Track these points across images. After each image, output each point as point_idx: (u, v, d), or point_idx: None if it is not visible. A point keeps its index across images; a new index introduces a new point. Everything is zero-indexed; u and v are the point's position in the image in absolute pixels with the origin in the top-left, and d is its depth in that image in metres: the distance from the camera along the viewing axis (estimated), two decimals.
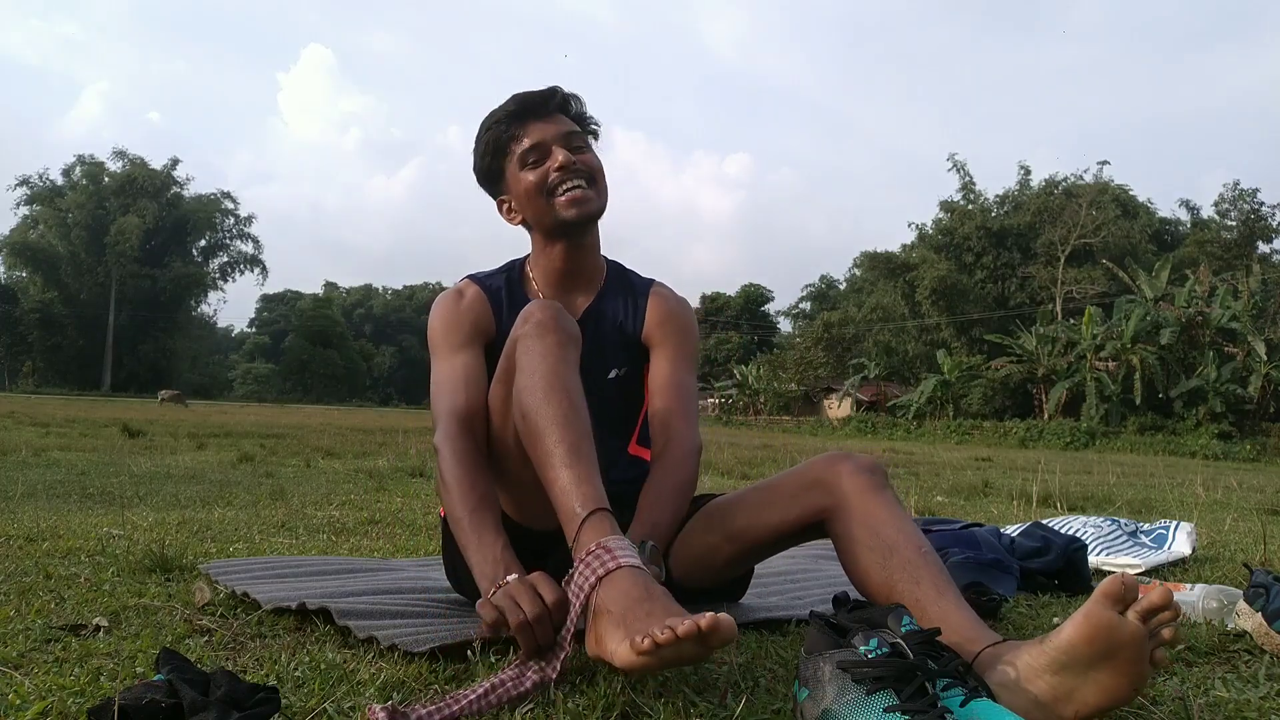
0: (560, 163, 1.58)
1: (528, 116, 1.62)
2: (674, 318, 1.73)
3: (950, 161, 40.42)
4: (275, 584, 1.77)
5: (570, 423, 1.29)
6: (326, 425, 13.35)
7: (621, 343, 1.71)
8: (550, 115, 1.63)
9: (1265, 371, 24.52)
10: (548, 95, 1.64)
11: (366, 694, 1.16)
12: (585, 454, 1.27)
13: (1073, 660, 1.05)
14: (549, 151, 1.60)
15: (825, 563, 2.38)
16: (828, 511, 1.43)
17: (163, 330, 54.12)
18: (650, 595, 1.09)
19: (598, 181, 1.63)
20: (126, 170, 53.82)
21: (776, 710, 1.15)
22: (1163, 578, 2.35)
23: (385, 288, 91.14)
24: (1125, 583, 1.03)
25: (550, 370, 1.33)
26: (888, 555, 1.33)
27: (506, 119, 1.62)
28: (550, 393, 1.31)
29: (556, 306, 1.42)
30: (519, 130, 1.61)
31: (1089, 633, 1.04)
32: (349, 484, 4.65)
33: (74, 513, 2.99)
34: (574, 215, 1.60)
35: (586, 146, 1.65)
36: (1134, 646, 1.03)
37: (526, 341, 1.37)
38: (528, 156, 1.60)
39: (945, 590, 1.27)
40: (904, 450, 13.02)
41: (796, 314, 55.27)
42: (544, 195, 1.60)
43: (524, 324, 1.40)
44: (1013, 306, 34.89)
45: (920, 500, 4.71)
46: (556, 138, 1.61)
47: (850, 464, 1.44)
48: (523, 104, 1.62)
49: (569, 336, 1.39)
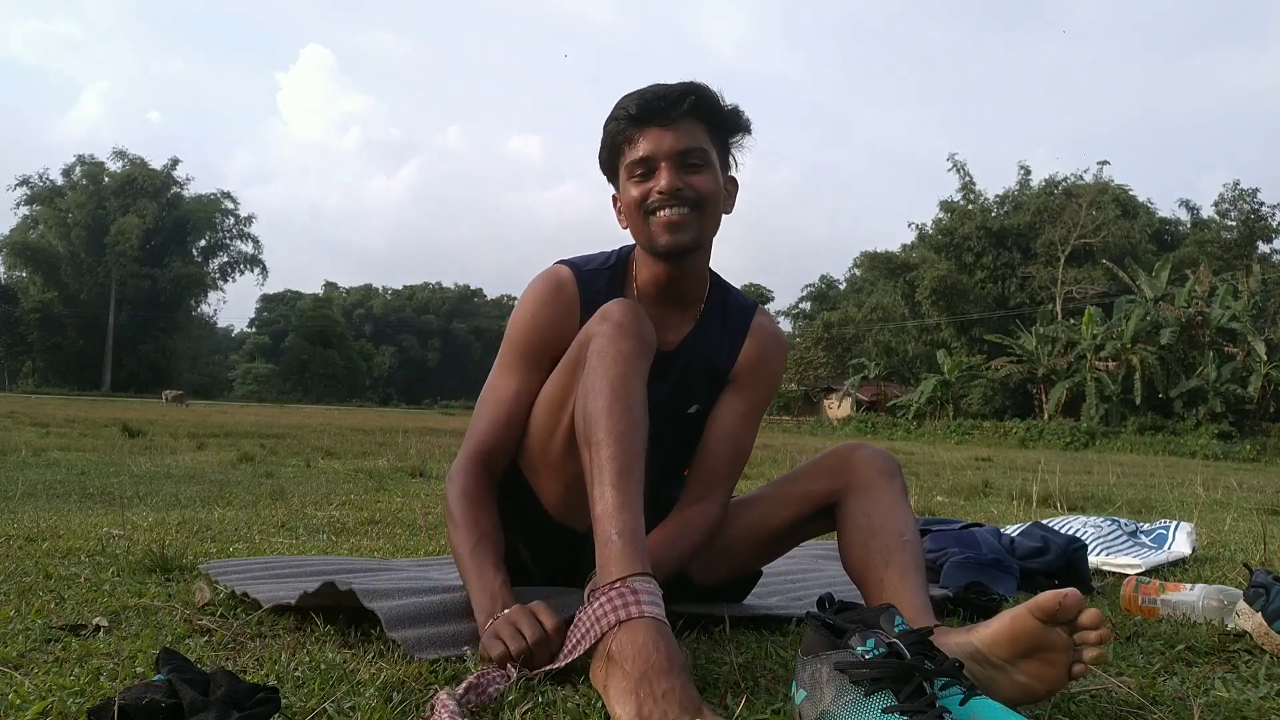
0: (664, 186, 1.43)
1: (648, 121, 1.45)
2: (766, 366, 1.61)
3: (950, 161, 40.42)
4: (275, 584, 1.76)
5: (627, 441, 1.25)
6: (326, 425, 13.34)
7: (708, 377, 1.60)
8: (673, 123, 1.44)
9: (1265, 371, 24.52)
10: (677, 98, 1.44)
11: (366, 694, 1.16)
12: (635, 476, 1.24)
13: (993, 654, 1.13)
14: (657, 167, 1.45)
15: (825, 563, 2.38)
16: (840, 493, 1.51)
17: (163, 330, 54.11)
18: (670, 667, 1.06)
19: (704, 209, 1.47)
20: (126, 170, 53.80)
21: (776, 710, 1.16)
22: (1163, 578, 2.35)
23: (385, 288, 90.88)
24: (1063, 604, 1.07)
25: (618, 378, 1.29)
26: (870, 537, 1.42)
27: (626, 120, 1.46)
28: (614, 403, 1.27)
29: (636, 309, 1.37)
30: (635, 134, 1.46)
31: (1012, 634, 1.11)
32: (349, 484, 4.65)
33: (74, 513, 2.99)
34: (666, 243, 1.46)
35: (706, 164, 1.46)
36: (1054, 653, 1.09)
37: (599, 341, 1.33)
38: (635, 168, 1.47)
39: (909, 575, 1.36)
40: (904, 450, 13.01)
41: (796, 314, 55.23)
42: (642, 214, 1.47)
43: (601, 321, 1.35)
44: (1013, 306, 34.88)
45: (920, 500, 4.71)
46: (669, 154, 1.44)
47: (867, 450, 1.54)
48: (647, 106, 1.44)
49: (644, 344, 1.34)
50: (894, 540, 1.39)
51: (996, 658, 1.13)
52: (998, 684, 1.13)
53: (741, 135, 1.53)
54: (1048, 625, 1.08)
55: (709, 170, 1.47)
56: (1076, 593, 1.07)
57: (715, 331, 1.60)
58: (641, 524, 1.21)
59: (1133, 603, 1.92)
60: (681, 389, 1.56)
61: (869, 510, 1.45)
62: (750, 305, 1.65)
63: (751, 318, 1.63)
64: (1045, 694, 1.11)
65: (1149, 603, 1.90)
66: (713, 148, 1.48)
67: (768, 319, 1.65)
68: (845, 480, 1.51)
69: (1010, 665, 1.12)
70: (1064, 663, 1.08)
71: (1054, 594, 1.08)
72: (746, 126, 1.53)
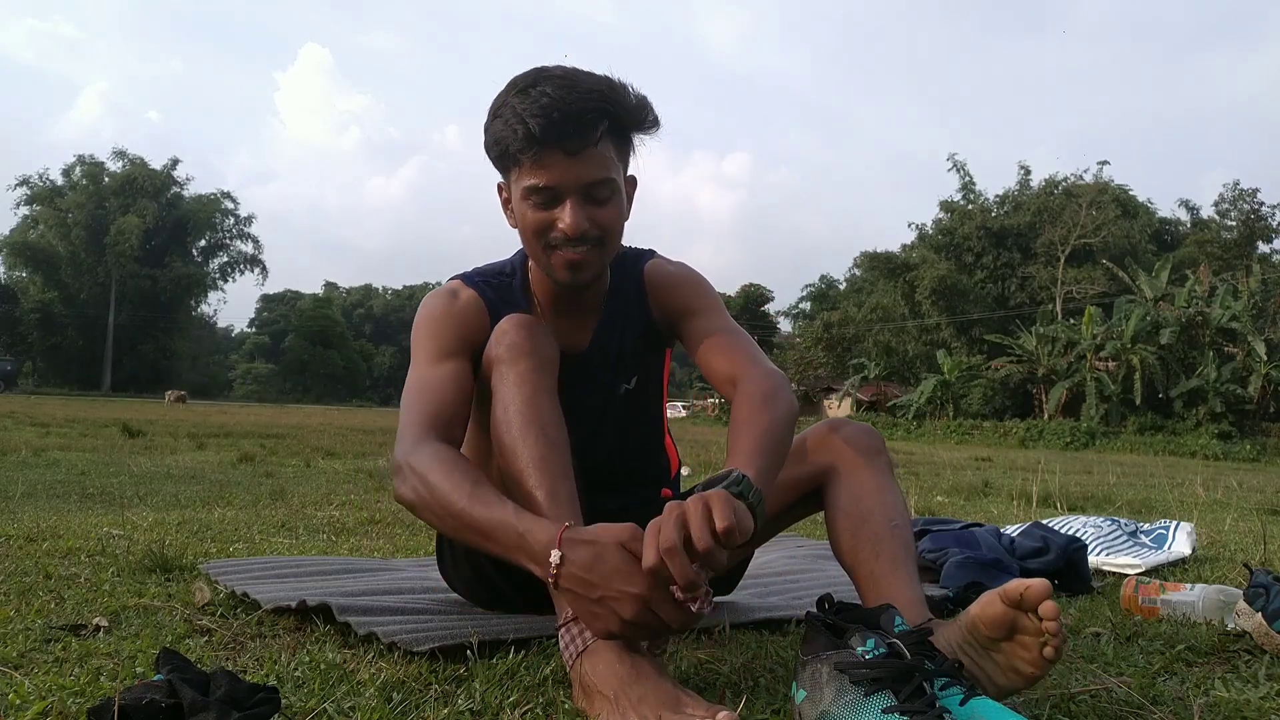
0: (568, 227, 1.30)
1: (552, 145, 1.27)
2: (677, 285, 1.55)
3: (950, 161, 40.36)
4: (275, 584, 1.77)
5: (547, 464, 1.22)
6: (326, 425, 13.34)
7: (631, 349, 1.56)
8: (582, 150, 1.28)
9: (1265, 371, 24.51)
10: (589, 124, 1.27)
11: (366, 694, 1.16)
12: (563, 497, 1.20)
13: (976, 638, 1.15)
14: (561, 201, 1.31)
15: (825, 563, 2.38)
16: (825, 475, 1.45)
17: (163, 330, 54.12)
18: (639, 675, 1.07)
19: (607, 242, 1.37)
20: (126, 170, 53.80)
21: (776, 710, 1.16)
22: (1163, 578, 2.35)
23: (385, 288, 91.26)
24: (1024, 595, 1.10)
25: (525, 403, 1.26)
26: (859, 525, 1.37)
27: (525, 138, 1.27)
28: (526, 430, 1.25)
29: (530, 323, 1.34)
30: (535, 156, 1.28)
31: (985, 618, 1.14)
32: (349, 484, 4.65)
33: (74, 513, 2.98)
34: (566, 280, 1.38)
35: (614, 194, 1.34)
36: (1028, 636, 1.11)
37: (500, 368, 1.30)
38: (533, 193, 1.31)
39: (900, 566, 1.33)
40: (904, 450, 13.01)
41: (796, 314, 55.26)
42: (540, 244, 1.36)
43: (498, 344, 1.32)
44: (1013, 306, 34.87)
45: (920, 500, 4.70)
46: (575, 187, 1.30)
47: (849, 428, 1.47)
48: (553, 128, 1.25)
49: (544, 360, 1.31)
50: (883, 528, 1.36)
51: (980, 642, 1.16)
52: (985, 669, 1.15)
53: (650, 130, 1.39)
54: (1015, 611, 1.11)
55: (616, 198, 1.35)
56: (1043, 583, 1.08)
57: (620, 307, 1.55)
58: None
59: (1133, 603, 1.92)
60: (606, 370, 1.53)
61: (855, 494, 1.40)
62: (642, 259, 1.58)
63: (642, 271, 1.57)
64: (1031, 675, 1.12)
65: (1149, 603, 1.90)
66: (619, 161, 1.36)
67: (660, 261, 1.59)
68: (828, 463, 1.45)
69: (992, 649, 1.15)
70: (1037, 646, 1.11)
71: (1019, 582, 1.11)
72: (654, 124, 1.38)
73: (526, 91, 1.28)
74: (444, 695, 1.18)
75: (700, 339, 1.50)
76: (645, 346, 1.59)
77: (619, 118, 1.31)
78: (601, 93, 1.28)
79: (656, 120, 1.38)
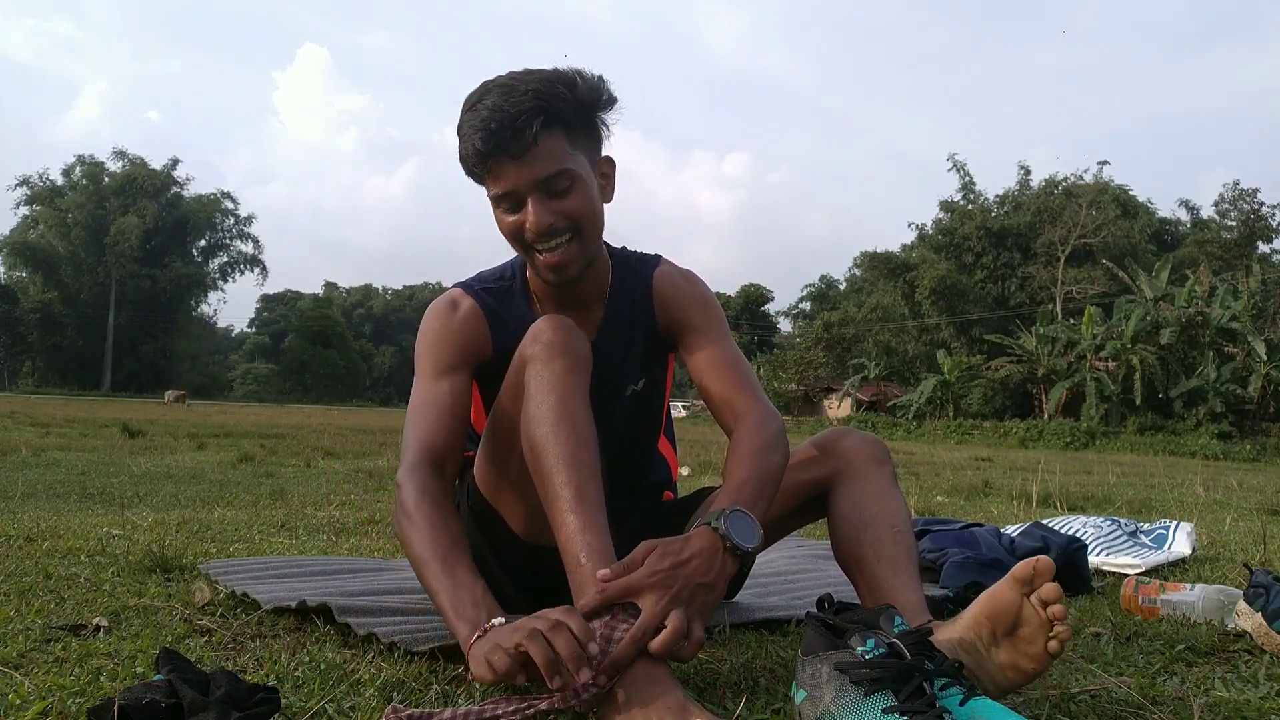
0: (534, 226, 1.35)
1: (498, 153, 1.33)
2: (684, 299, 1.57)
3: (950, 161, 40.43)
4: (275, 584, 1.77)
5: (578, 462, 1.24)
6: (326, 425, 13.35)
7: (638, 352, 1.58)
8: (525, 151, 1.32)
9: (1265, 371, 24.51)
10: (523, 125, 1.30)
11: (367, 694, 1.16)
12: (591, 497, 1.22)
13: (979, 635, 1.16)
14: (523, 202, 1.36)
15: (825, 563, 2.38)
16: (829, 480, 1.48)
17: (163, 330, 54.17)
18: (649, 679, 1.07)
19: (583, 230, 1.40)
20: (126, 170, 53.87)
21: (776, 710, 1.16)
22: (1163, 578, 2.35)
23: (385, 288, 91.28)
24: (1036, 568, 1.13)
25: (559, 401, 1.28)
26: (862, 529, 1.40)
27: (475, 155, 1.34)
28: (558, 427, 1.26)
29: (568, 325, 1.35)
30: (489, 168, 1.35)
31: (991, 610, 1.15)
32: (349, 484, 4.65)
33: (74, 513, 2.99)
34: (553, 280, 1.43)
35: (574, 181, 1.36)
36: (1031, 629, 1.12)
37: (535, 366, 1.31)
38: (500, 201, 1.38)
39: (902, 570, 1.35)
40: (904, 450, 13.01)
41: (796, 314, 55.32)
42: (521, 246, 1.41)
43: (533, 343, 1.33)
44: (1013, 306, 34.88)
45: (920, 500, 4.71)
46: (530, 186, 1.34)
47: (853, 436, 1.51)
48: (492, 137, 1.31)
49: (578, 360, 1.32)
50: (885, 532, 1.38)
51: (983, 639, 1.16)
52: (986, 667, 1.15)
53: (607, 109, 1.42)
54: (1024, 596, 1.12)
55: (579, 185, 1.37)
56: (1048, 560, 1.12)
57: (626, 308, 1.57)
58: (607, 541, 1.20)
59: (1133, 603, 1.92)
60: (611, 370, 1.54)
61: (859, 500, 1.43)
62: (649, 265, 1.60)
63: (653, 272, 1.58)
64: (1033, 670, 1.13)
65: (1149, 603, 1.90)
66: (578, 149, 1.38)
67: (668, 267, 1.61)
68: (833, 469, 1.48)
69: (995, 645, 1.15)
70: (1042, 639, 1.11)
71: (1028, 561, 1.12)
72: (610, 102, 1.41)
73: (475, 108, 1.35)
74: (444, 695, 1.18)
75: (701, 358, 1.52)
76: (651, 350, 1.60)
77: (558, 110, 1.34)
78: (536, 91, 1.32)
79: (612, 98, 1.42)
